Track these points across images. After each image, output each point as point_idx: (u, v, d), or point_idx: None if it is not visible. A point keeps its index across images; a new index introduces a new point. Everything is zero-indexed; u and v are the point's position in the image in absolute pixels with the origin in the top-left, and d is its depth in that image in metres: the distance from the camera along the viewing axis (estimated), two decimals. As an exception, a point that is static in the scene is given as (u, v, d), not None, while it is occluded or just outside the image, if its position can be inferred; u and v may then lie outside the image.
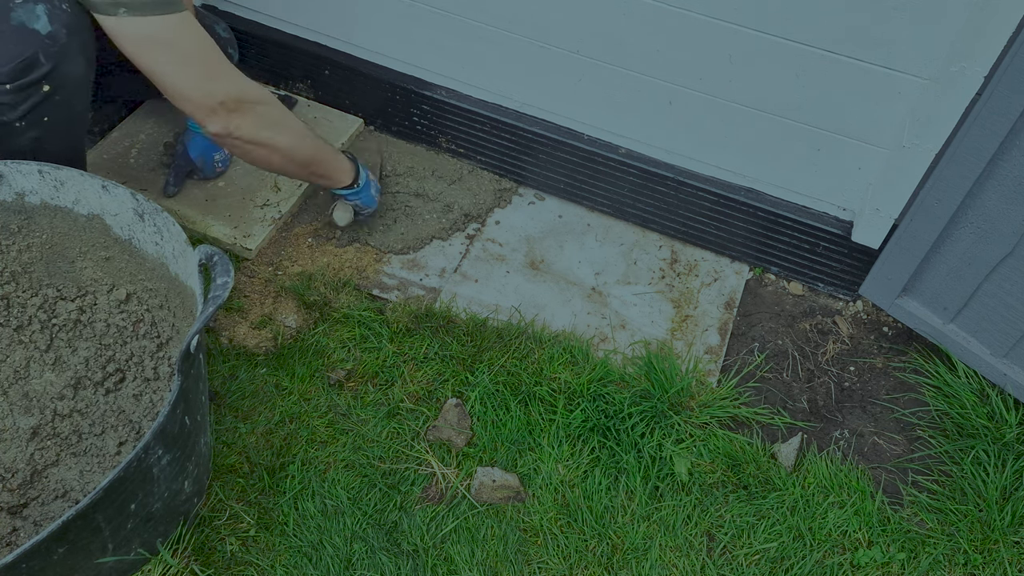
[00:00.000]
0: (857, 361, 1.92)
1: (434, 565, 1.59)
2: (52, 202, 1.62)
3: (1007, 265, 1.62)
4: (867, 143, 1.74)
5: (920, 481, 1.74)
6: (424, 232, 2.11)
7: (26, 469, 1.58)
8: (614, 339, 1.93)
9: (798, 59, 1.66)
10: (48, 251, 1.69)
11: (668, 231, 2.11)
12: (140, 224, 1.58)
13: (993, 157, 1.49)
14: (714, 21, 1.69)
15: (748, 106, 1.80)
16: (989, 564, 1.60)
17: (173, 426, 1.32)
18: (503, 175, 2.24)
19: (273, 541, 1.61)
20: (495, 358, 1.84)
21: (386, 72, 2.20)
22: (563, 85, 1.98)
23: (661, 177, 2.01)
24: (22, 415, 1.65)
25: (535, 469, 1.71)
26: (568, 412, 1.77)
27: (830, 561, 1.61)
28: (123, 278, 1.70)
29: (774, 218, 1.95)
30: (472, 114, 2.13)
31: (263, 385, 1.81)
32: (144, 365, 1.70)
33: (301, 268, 2.01)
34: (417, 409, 1.78)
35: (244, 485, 1.67)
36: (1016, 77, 1.37)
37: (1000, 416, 1.75)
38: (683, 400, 1.79)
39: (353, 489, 1.68)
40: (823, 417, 1.84)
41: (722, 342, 1.94)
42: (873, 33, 1.56)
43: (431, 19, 2.01)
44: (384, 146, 2.25)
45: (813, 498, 1.68)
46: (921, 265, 1.73)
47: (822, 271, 2.00)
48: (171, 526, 1.51)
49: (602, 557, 1.61)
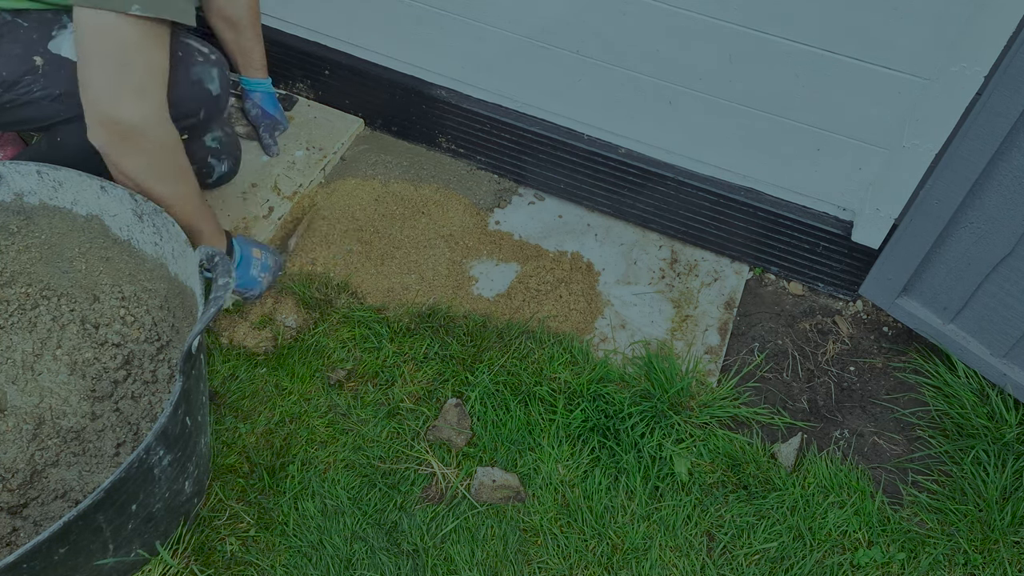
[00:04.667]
0: (857, 361, 1.92)
1: (434, 565, 1.59)
2: (51, 202, 1.62)
3: (1007, 265, 1.62)
4: (867, 143, 1.74)
5: (920, 481, 1.74)
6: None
7: (26, 469, 1.58)
8: (614, 339, 1.93)
9: (798, 59, 1.66)
10: (47, 251, 1.69)
11: (668, 231, 2.11)
12: (139, 224, 1.58)
13: (993, 157, 1.49)
14: (714, 21, 1.69)
15: (748, 106, 1.80)
16: (989, 564, 1.60)
17: (174, 427, 1.32)
18: (503, 175, 2.24)
19: (273, 541, 1.61)
20: (495, 358, 1.84)
21: (386, 72, 2.20)
22: (563, 85, 1.98)
23: (661, 177, 2.01)
24: (22, 415, 1.65)
25: (535, 469, 1.71)
26: (568, 412, 1.77)
27: (830, 561, 1.61)
28: (122, 279, 1.70)
29: (774, 218, 1.95)
30: (472, 114, 2.13)
31: (263, 385, 1.81)
32: (144, 367, 1.69)
33: (301, 268, 2.00)
34: (417, 409, 1.78)
35: (244, 485, 1.67)
36: (1016, 77, 1.37)
37: (1000, 416, 1.75)
38: (683, 400, 1.79)
39: (353, 489, 1.68)
40: (823, 417, 1.84)
41: (722, 342, 1.94)
42: (873, 33, 1.56)
43: (431, 19, 2.01)
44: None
45: (813, 498, 1.68)
46: (921, 265, 1.73)
47: (822, 271, 2.00)
48: (171, 526, 1.51)
49: (602, 557, 1.61)
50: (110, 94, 1.47)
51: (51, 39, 1.57)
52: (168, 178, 1.61)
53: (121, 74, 1.46)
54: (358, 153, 2.28)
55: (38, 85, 1.58)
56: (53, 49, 1.57)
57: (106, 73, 1.46)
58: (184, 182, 1.64)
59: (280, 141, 2.24)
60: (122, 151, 1.52)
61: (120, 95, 1.47)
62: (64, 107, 1.60)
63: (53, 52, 1.57)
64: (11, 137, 2.04)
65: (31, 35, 1.56)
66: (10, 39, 1.55)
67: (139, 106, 1.49)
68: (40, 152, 1.77)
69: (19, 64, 1.56)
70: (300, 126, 2.30)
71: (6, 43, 1.55)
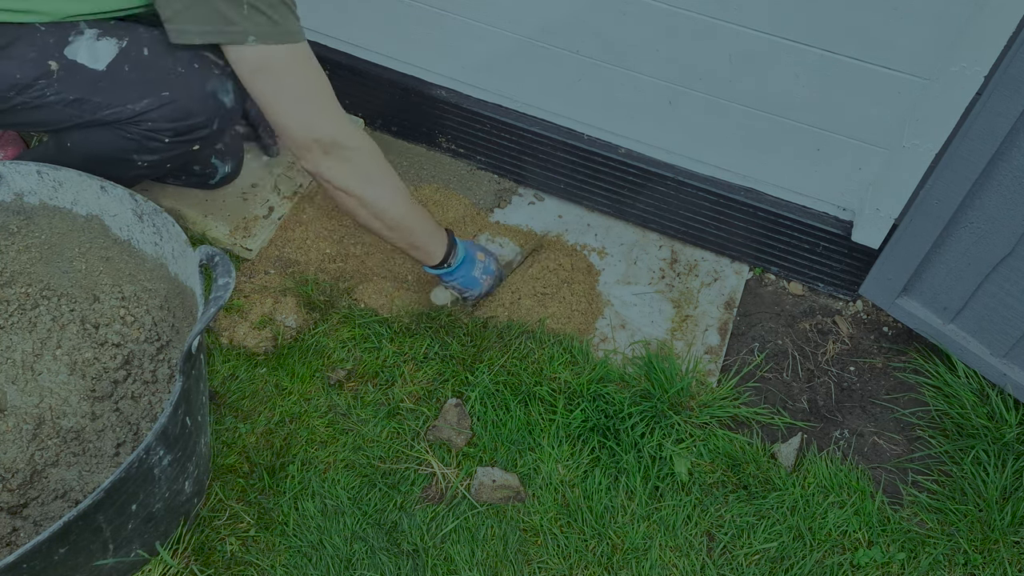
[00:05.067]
0: (857, 361, 1.92)
1: (434, 565, 1.59)
2: (51, 202, 1.62)
3: (1007, 265, 1.62)
4: (867, 143, 1.74)
5: (920, 481, 1.74)
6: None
7: (26, 469, 1.58)
8: (614, 339, 1.93)
9: (798, 59, 1.66)
10: (47, 251, 1.69)
11: (668, 231, 2.11)
12: (139, 225, 1.58)
13: (993, 157, 1.49)
14: (714, 21, 1.69)
15: (748, 106, 1.80)
16: (989, 564, 1.61)
17: (174, 427, 1.32)
18: (503, 175, 2.24)
19: (273, 541, 1.61)
20: (495, 358, 1.84)
21: (386, 72, 2.20)
22: (563, 85, 1.98)
23: (661, 177, 2.01)
24: (22, 415, 1.65)
25: (535, 469, 1.71)
26: (568, 412, 1.77)
27: (830, 561, 1.61)
28: (123, 279, 1.70)
29: (774, 218, 1.95)
30: (472, 114, 2.13)
31: (263, 385, 1.81)
32: (144, 367, 1.70)
33: (302, 268, 2.00)
34: (417, 409, 1.78)
35: (244, 485, 1.67)
36: (1016, 77, 1.37)
37: (1000, 416, 1.75)
38: (683, 400, 1.79)
39: (353, 489, 1.68)
40: (823, 417, 1.84)
41: (722, 342, 1.94)
42: (873, 33, 1.56)
43: (431, 19, 2.00)
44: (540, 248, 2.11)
45: (813, 498, 1.68)
46: (921, 265, 1.73)
47: (822, 271, 2.00)
48: (171, 526, 1.51)
49: (602, 557, 1.61)
50: (298, 120, 1.59)
51: (68, 44, 1.57)
52: (384, 184, 1.71)
53: (299, 99, 1.59)
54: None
55: (52, 90, 1.58)
56: (69, 55, 1.57)
57: (289, 104, 1.58)
58: (391, 182, 1.73)
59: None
60: (330, 165, 1.62)
61: (305, 116, 1.59)
62: (77, 112, 1.61)
63: (69, 58, 1.57)
64: (11, 137, 2.04)
65: (48, 39, 1.56)
66: (27, 42, 1.55)
67: (322, 119, 1.61)
68: (47, 154, 1.77)
69: (33, 68, 1.56)
70: (300, 126, 2.30)
71: (22, 46, 1.55)
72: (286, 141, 1.64)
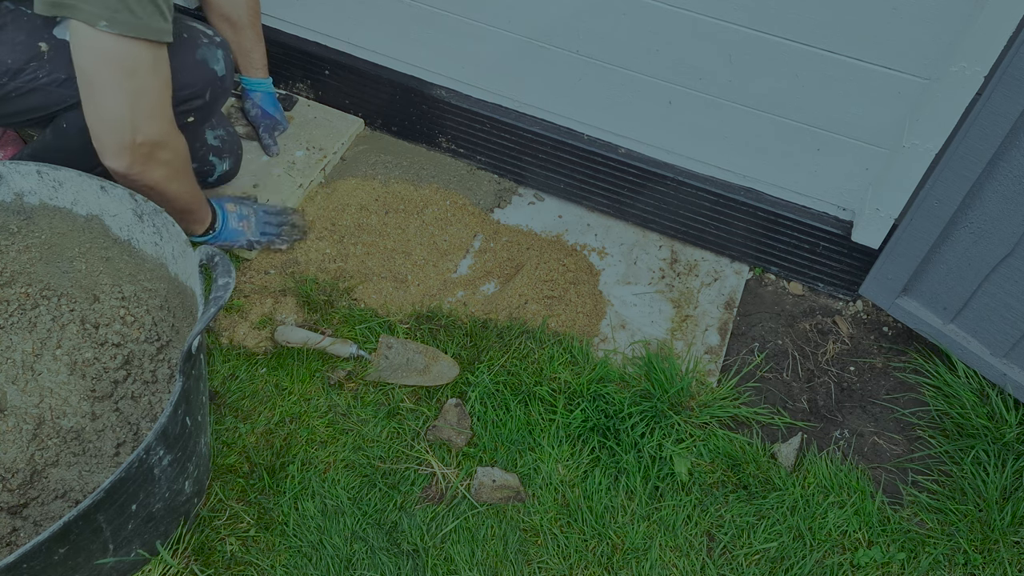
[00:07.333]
0: (857, 361, 1.92)
1: (434, 565, 1.59)
2: (51, 202, 1.62)
3: (1007, 265, 1.62)
4: (867, 143, 1.74)
5: (920, 481, 1.74)
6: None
7: (26, 469, 1.58)
8: (614, 339, 1.93)
9: (798, 59, 1.66)
10: (47, 251, 1.69)
11: (668, 231, 2.11)
12: (139, 225, 1.58)
13: (993, 157, 1.49)
14: (714, 21, 1.69)
15: (748, 106, 1.80)
16: (989, 564, 1.61)
17: (174, 427, 1.32)
18: (503, 175, 2.24)
19: (273, 541, 1.61)
20: (495, 358, 1.84)
21: (386, 72, 2.20)
22: (563, 85, 1.98)
23: (661, 177, 2.01)
24: (22, 415, 1.65)
25: (535, 469, 1.71)
26: (568, 412, 1.77)
27: (830, 561, 1.61)
28: (123, 279, 1.70)
29: (774, 218, 1.95)
30: (472, 114, 2.13)
31: (263, 385, 1.81)
32: (144, 367, 1.70)
33: (302, 268, 2.00)
34: (417, 409, 1.78)
35: (244, 485, 1.67)
36: (1016, 77, 1.37)
37: (1000, 416, 1.75)
38: (683, 400, 1.79)
39: (353, 489, 1.68)
40: (823, 417, 1.84)
41: (722, 342, 1.94)
42: (873, 33, 1.56)
43: (431, 19, 2.01)
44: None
45: (813, 498, 1.68)
46: (921, 265, 1.73)
47: (822, 271, 2.00)
48: (171, 526, 1.51)
49: (602, 557, 1.61)
50: (129, 122, 1.52)
51: (56, 24, 1.57)
52: (183, 176, 1.70)
53: (137, 100, 1.51)
54: (358, 153, 2.28)
55: (44, 71, 1.57)
56: (59, 35, 1.56)
57: (122, 101, 1.50)
58: (190, 175, 1.73)
59: (280, 141, 2.24)
60: (147, 168, 1.59)
61: (139, 120, 1.52)
62: (70, 92, 1.60)
63: (59, 37, 1.56)
64: (11, 137, 2.03)
65: (35, 21, 1.56)
66: (14, 27, 1.55)
67: (158, 124, 1.56)
68: (45, 143, 1.76)
69: (24, 51, 1.55)
70: (300, 126, 2.30)
71: (10, 31, 1.55)
72: (100, 140, 1.55)
